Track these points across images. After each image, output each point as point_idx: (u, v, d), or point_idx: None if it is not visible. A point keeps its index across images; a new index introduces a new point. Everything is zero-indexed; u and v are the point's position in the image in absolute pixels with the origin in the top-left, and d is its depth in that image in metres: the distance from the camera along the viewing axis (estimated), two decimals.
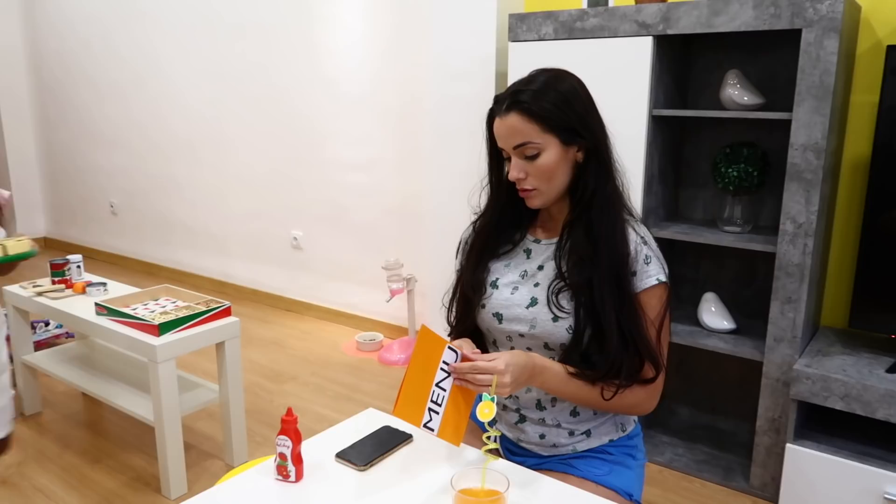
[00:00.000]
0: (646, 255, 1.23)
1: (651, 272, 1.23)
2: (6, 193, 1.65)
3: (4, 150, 5.42)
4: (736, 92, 2.21)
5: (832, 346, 2.19)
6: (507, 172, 1.25)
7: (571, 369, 1.22)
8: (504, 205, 1.31)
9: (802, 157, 2.02)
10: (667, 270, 1.27)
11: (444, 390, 1.13)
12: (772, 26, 2.01)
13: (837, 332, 2.32)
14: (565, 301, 1.23)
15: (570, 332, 1.22)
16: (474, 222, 1.38)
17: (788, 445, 2.03)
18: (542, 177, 1.22)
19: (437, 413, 1.12)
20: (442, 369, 1.13)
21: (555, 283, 1.24)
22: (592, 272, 1.20)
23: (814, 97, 1.97)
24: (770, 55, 2.31)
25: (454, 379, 1.14)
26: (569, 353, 1.23)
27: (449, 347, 1.14)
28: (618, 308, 1.19)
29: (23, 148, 5.51)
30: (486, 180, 1.33)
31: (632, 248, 1.23)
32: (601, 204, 1.22)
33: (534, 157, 1.20)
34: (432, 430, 1.11)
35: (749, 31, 2.08)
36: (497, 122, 1.23)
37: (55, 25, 5.17)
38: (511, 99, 1.20)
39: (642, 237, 1.25)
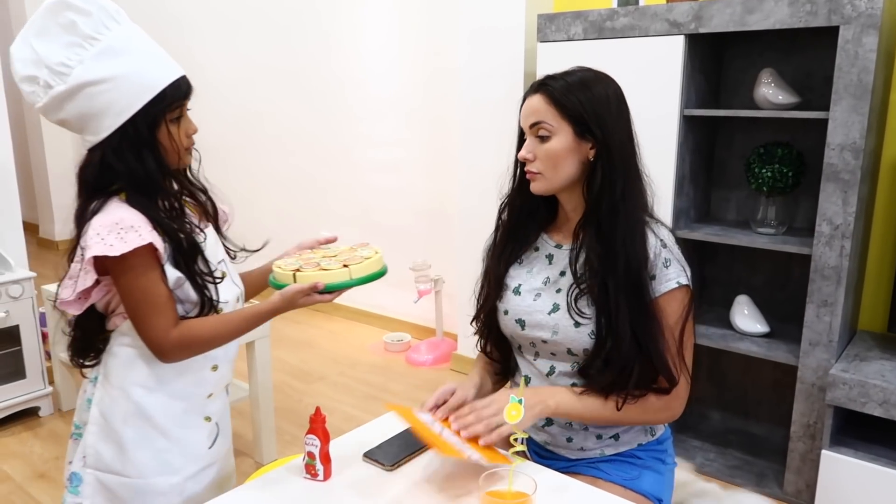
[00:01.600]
0: (665, 259, 1.21)
1: (671, 275, 1.21)
2: (226, 208, 1.38)
3: (44, 153, 5.56)
4: (770, 91, 2.17)
5: (870, 350, 2.13)
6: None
7: (578, 389, 1.22)
8: (526, 189, 1.31)
9: (840, 158, 1.97)
10: (689, 274, 1.24)
11: (454, 434, 1.15)
12: (808, 23, 1.97)
13: (876, 336, 2.26)
14: (585, 307, 1.22)
15: (593, 337, 1.21)
16: (501, 205, 1.38)
17: (824, 452, 1.99)
18: (549, 162, 1.22)
19: (467, 449, 1.12)
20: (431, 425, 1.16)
21: (572, 288, 1.24)
22: (607, 276, 1.19)
23: (851, 96, 1.93)
24: (805, 53, 2.26)
25: (462, 431, 1.14)
26: (592, 360, 1.22)
27: (420, 413, 1.18)
28: (633, 314, 1.18)
29: (61, 151, 5.64)
30: (511, 165, 1.35)
31: (650, 251, 1.21)
32: (610, 206, 1.20)
33: (544, 140, 1.22)
34: (478, 460, 1.11)
35: (784, 29, 2.04)
36: (525, 103, 1.26)
37: None
38: (541, 82, 1.24)
39: (662, 240, 1.23)
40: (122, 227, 1.09)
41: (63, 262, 1.16)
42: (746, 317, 2.33)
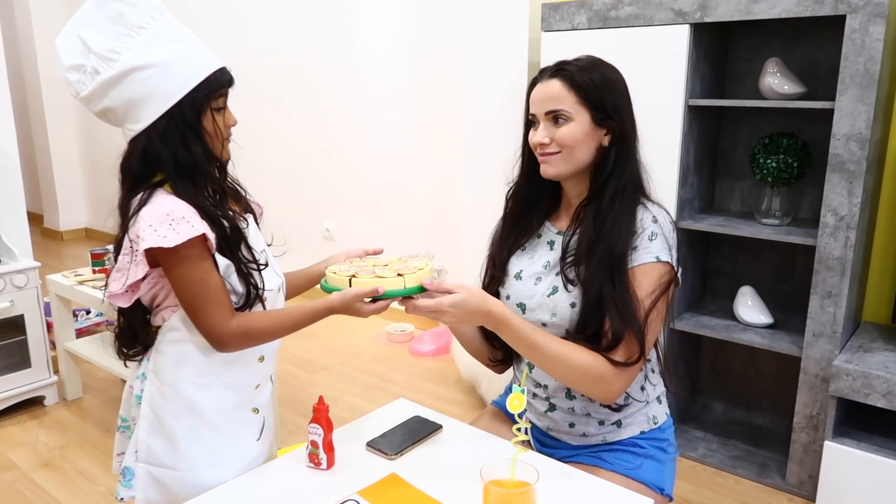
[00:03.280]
0: (652, 233, 1.22)
1: (652, 249, 1.21)
2: (259, 201, 1.40)
3: (48, 144, 5.57)
4: (776, 81, 2.16)
5: (874, 342, 2.13)
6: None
7: (540, 330, 1.21)
8: (533, 176, 1.32)
9: (845, 148, 1.96)
10: (674, 255, 1.23)
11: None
12: (814, 12, 1.95)
13: (880, 327, 2.26)
14: (573, 281, 1.24)
15: (578, 314, 1.22)
16: (508, 192, 1.39)
17: (827, 443, 1.99)
18: (565, 145, 1.23)
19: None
20: None
21: (562, 263, 1.25)
22: (591, 254, 1.21)
23: (858, 86, 1.91)
24: (812, 43, 2.25)
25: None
26: (577, 334, 1.23)
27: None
28: (609, 286, 1.18)
29: (65, 141, 5.65)
30: (519, 151, 1.35)
31: (638, 225, 1.22)
32: (614, 189, 1.23)
33: (562, 125, 1.22)
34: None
35: (790, 18, 2.03)
36: (537, 88, 1.25)
37: None
38: (557, 67, 1.24)
39: (654, 216, 1.24)
40: (173, 219, 1.09)
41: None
42: (750, 308, 2.33)
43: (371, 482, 1.14)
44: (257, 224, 1.34)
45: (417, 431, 1.28)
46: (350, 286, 1.16)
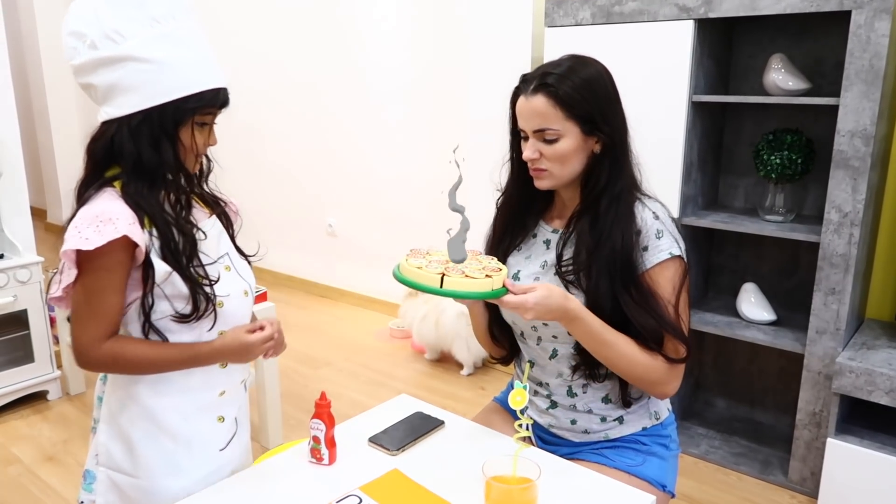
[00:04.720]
0: (657, 230, 1.22)
1: (662, 246, 1.21)
2: (235, 201, 1.36)
3: (51, 139, 5.57)
4: (780, 77, 2.15)
5: (878, 339, 2.12)
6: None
7: (610, 328, 1.20)
8: (524, 182, 1.31)
9: (850, 144, 1.95)
10: (682, 246, 1.24)
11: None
12: (819, 8, 1.94)
13: (884, 324, 2.25)
14: (578, 288, 1.23)
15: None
16: (498, 199, 1.39)
17: (830, 440, 1.99)
18: (556, 161, 1.22)
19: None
20: None
21: (561, 270, 1.25)
22: (592, 262, 1.20)
23: (863, 82, 1.90)
24: (817, 38, 2.24)
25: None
26: None
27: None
28: (622, 292, 1.18)
29: (68, 137, 5.65)
30: (507, 157, 1.35)
31: (641, 224, 1.22)
32: (609, 198, 1.22)
33: (552, 142, 1.21)
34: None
35: (795, 14, 2.02)
36: (521, 101, 1.24)
37: None
38: (539, 81, 1.20)
39: (654, 213, 1.24)
40: (101, 220, 1.05)
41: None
42: (753, 304, 2.32)
43: (373, 478, 1.14)
44: (231, 228, 1.29)
45: (419, 427, 1.28)
46: (441, 285, 1.11)
